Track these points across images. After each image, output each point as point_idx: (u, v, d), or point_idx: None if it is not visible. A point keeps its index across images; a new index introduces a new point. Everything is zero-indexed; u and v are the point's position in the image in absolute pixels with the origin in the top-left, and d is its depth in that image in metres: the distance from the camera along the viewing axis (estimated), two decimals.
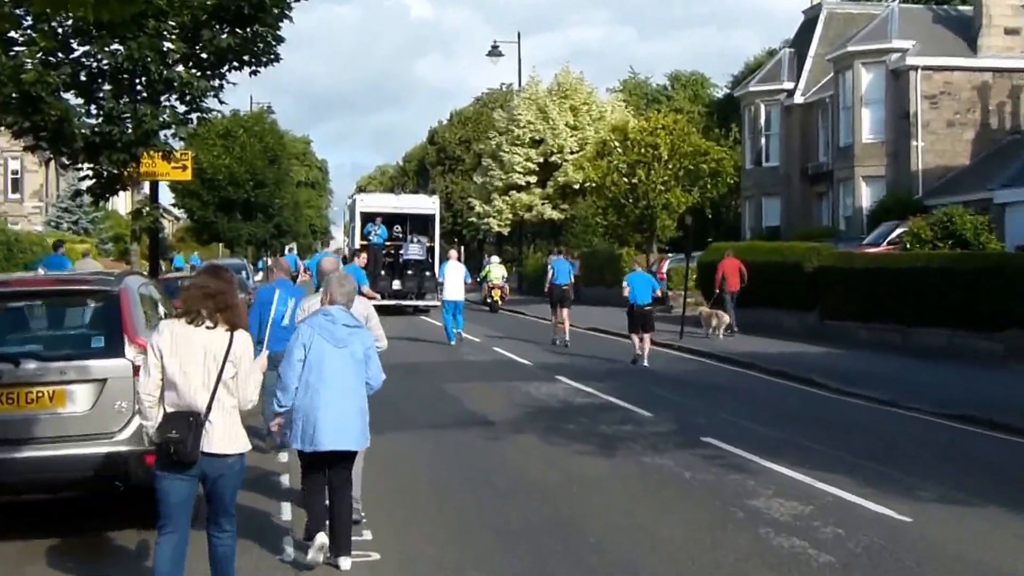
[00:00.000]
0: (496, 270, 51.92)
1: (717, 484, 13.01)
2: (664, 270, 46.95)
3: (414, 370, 25.27)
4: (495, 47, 65.74)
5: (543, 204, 63.64)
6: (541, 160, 63.43)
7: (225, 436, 7.91)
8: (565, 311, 31.41)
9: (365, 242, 45.82)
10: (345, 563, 9.57)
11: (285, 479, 13.09)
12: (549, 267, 31.76)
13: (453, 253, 34.99)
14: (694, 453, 14.91)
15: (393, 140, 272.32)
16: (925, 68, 45.96)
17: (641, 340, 26.35)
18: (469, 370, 25.47)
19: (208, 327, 7.93)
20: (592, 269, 54.30)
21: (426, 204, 50.05)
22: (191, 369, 7.86)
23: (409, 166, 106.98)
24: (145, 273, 18.25)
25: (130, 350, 10.50)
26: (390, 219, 47.97)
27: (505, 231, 68.68)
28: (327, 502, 9.74)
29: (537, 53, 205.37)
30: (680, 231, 50.91)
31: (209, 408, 7.84)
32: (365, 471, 11.43)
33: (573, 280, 32.42)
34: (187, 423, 7.74)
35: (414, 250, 46.56)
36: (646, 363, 26.05)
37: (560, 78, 65.34)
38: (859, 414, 19.08)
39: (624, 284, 27.28)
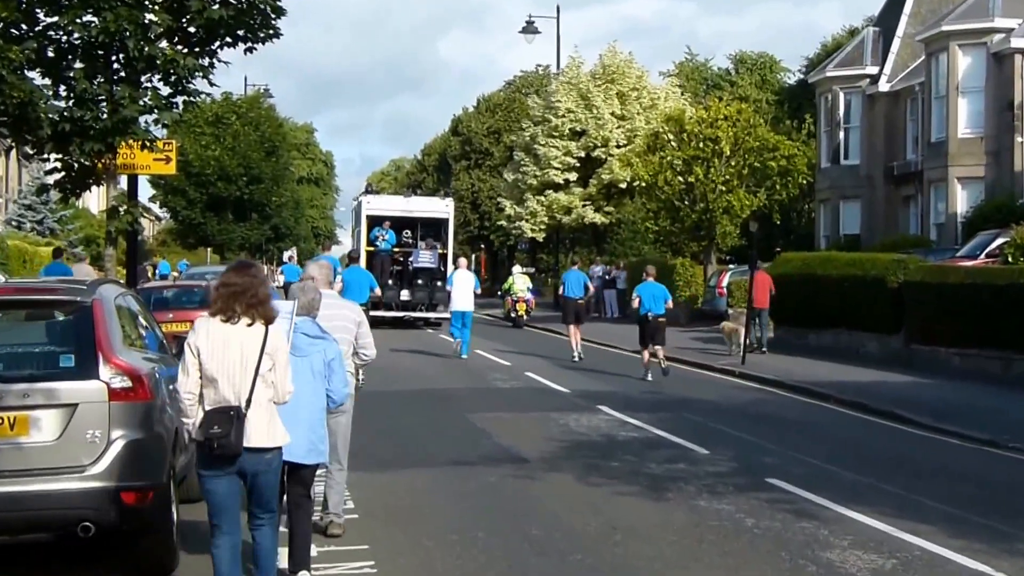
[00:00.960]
0: (520, 281, 52.94)
1: (785, 533, 12.99)
2: (724, 284, 46.90)
3: (436, 398, 25.35)
4: (530, 23, 66.03)
5: (584, 206, 63.71)
6: (582, 155, 63.53)
7: (264, 430, 9.15)
8: (573, 327, 34.19)
9: (372, 248, 47.79)
10: None
11: None
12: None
13: (463, 261, 36.66)
14: (758, 497, 14.89)
15: (410, 130, 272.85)
16: None
17: (653, 355, 28.71)
18: (499, 399, 25.52)
19: (247, 324, 9.15)
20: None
21: (439, 207, 51.79)
22: (229, 366, 9.07)
23: (428, 160, 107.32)
24: (122, 282, 18.34)
25: (105, 370, 10.58)
26: (399, 223, 49.51)
27: (540, 237, 68.78)
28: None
29: (580, 30, 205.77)
30: (744, 239, 51.00)
31: (248, 403, 9.06)
32: (376, 514, 11.66)
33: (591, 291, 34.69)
34: (228, 418, 8.97)
35: (425, 257, 47.74)
36: (651, 376, 28.63)
37: (606, 59, 65.44)
38: (952, 455, 19.01)
39: (634, 295, 29.65)
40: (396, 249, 48.94)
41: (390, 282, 47.29)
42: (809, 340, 36.32)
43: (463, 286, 34.16)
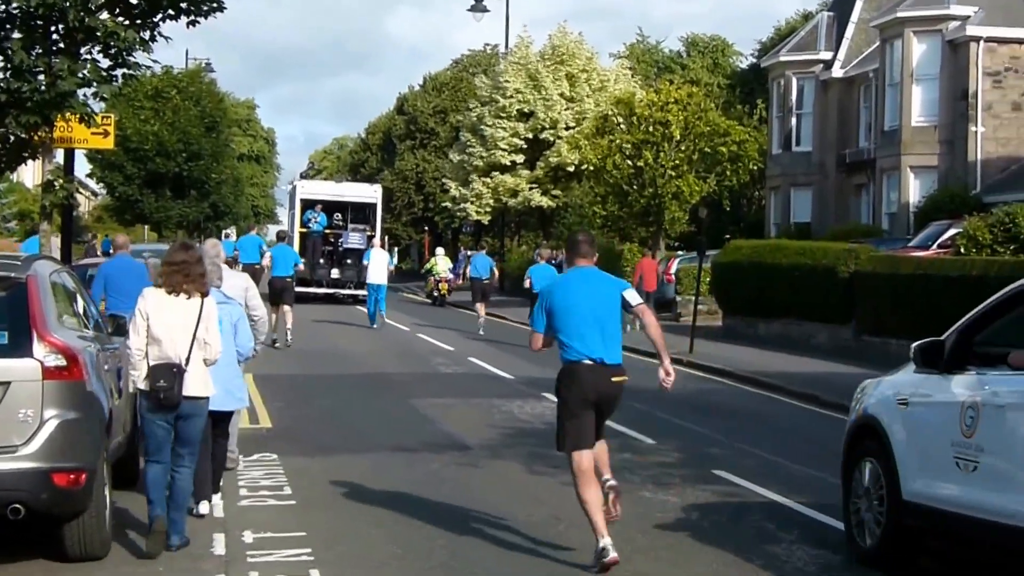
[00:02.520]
0: (442, 262, 57.16)
1: (731, 526, 13.05)
2: (672, 271, 47.00)
3: (379, 383, 25.34)
4: (479, 1, 65.83)
5: (531, 189, 63.76)
6: (530, 136, 63.55)
7: (199, 382, 11.43)
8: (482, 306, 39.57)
9: (305, 229, 52.96)
10: (204, 507, 12.64)
11: None
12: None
13: (377, 241, 44.43)
14: (704, 489, 14.95)
15: (355, 108, 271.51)
16: (989, 39, 46.08)
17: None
18: (442, 384, 25.54)
19: (186, 296, 11.35)
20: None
21: (367, 192, 57.57)
22: (171, 330, 11.27)
23: (373, 139, 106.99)
24: (57, 258, 18.19)
25: (39, 348, 10.51)
26: (330, 207, 54.80)
27: (485, 219, 68.77)
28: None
29: (530, 9, 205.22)
30: (692, 225, 51.12)
31: (187, 361, 11.28)
32: (315, 500, 12.55)
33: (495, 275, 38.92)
34: (172, 374, 11.18)
35: (354, 239, 52.74)
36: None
37: (555, 40, 65.45)
38: None
39: (527, 275, 34.04)
40: (327, 231, 53.69)
41: (321, 261, 52.38)
42: (759, 329, 36.42)
43: (377, 263, 39.29)
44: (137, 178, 70.66)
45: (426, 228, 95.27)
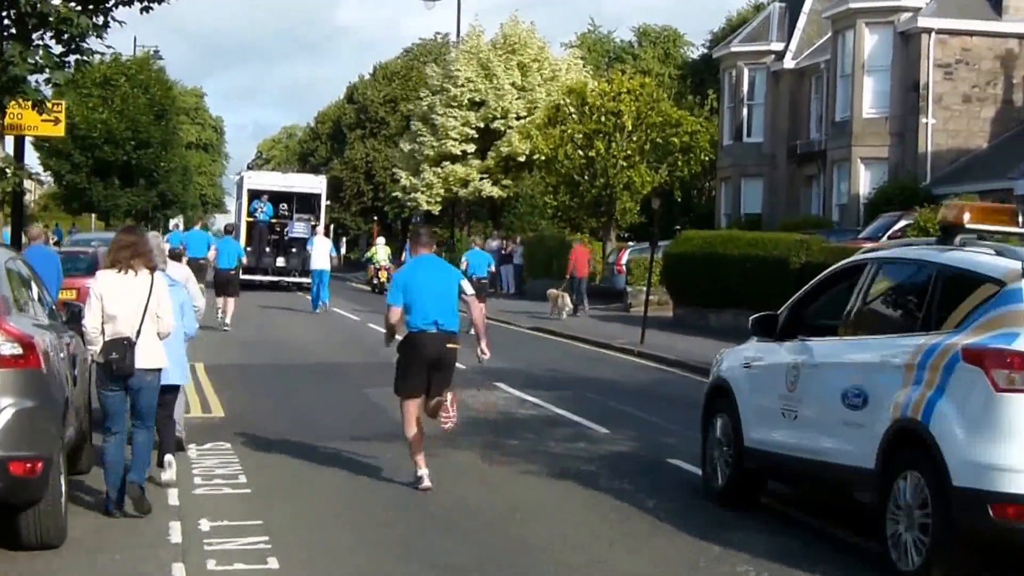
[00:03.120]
0: (382, 251, 58.34)
1: (687, 514, 13.13)
2: (623, 262, 47.15)
3: (332, 372, 25.33)
4: None
5: (482, 178, 63.80)
6: (481, 126, 63.61)
7: (149, 355, 12.24)
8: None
9: (251, 219, 55.20)
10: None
11: None
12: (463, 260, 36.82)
13: (320, 229, 46.54)
14: (659, 477, 15.04)
15: (305, 97, 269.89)
16: (940, 31, 46.39)
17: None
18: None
19: (135, 274, 12.15)
20: (537, 259, 54.42)
21: (313, 183, 59.79)
22: (124, 307, 12.09)
23: (322, 128, 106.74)
24: (10, 246, 18.12)
25: None
26: (277, 197, 56.98)
27: (435, 209, 68.75)
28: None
29: None
30: (644, 216, 51.27)
31: (138, 334, 12.10)
32: (271, 489, 12.80)
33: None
34: (123, 347, 12.01)
35: (299, 228, 54.88)
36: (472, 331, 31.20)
37: (507, 29, 65.53)
38: None
39: (463, 260, 36.20)
40: (273, 220, 55.84)
41: (267, 250, 54.69)
42: (710, 320, 36.61)
43: (320, 250, 41.32)
44: (85, 166, 70.32)
45: (375, 218, 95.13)
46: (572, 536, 12.08)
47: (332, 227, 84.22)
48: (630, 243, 52.94)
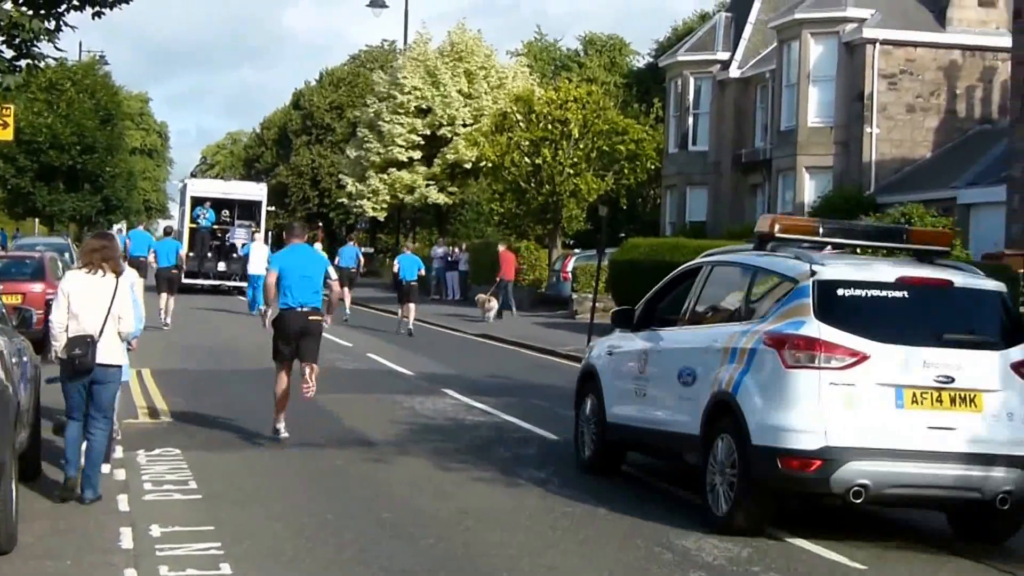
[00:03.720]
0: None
1: (640, 520, 13.14)
2: (569, 269, 47.20)
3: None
4: None
5: (428, 185, 63.73)
6: (427, 133, 63.55)
7: (111, 351, 13.03)
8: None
9: (194, 225, 57.09)
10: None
11: None
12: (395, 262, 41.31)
13: (259, 236, 48.95)
14: (611, 483, 15.07)
15: (251, 103, 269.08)
16: (884, 42, 46.70)
17: (405, 310, 37.55)
18: (342, 380, 25.40)
19: (102, 275, 12.99)
20: (483, 266, 54.38)
21: (254, 191, 61.45)
22: (88, 305, 12.89)
23: (268, 134, 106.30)
24: None
25: None
26: (219, 204, 58.82)
27: (381, 216, 68.65)
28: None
29: (429, 5, 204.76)
30: (590, 223, 51.37)
31: (100, 333, 12.85)
32: (221, 495, 13.18)
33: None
34: (86, 343, 12.75)
35: (240, 234, 56.39)
36: (402, 330, 37.30)
37: (454, 36, 65.50)
38: None
39: (395, 263, 40.07)
40: (215, 226, 57.59)
41: (209, 255, 56.30)
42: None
43: (257, 255, 42.08)
44: (30, 171, 69.87)
45: (320, 224, 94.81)
46: (525, 543, 12.07)
47: (278, 233, 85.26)
48: (576, 250, 53.03)
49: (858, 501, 12.00)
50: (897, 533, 13.31)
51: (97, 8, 23.03)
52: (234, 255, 55.05)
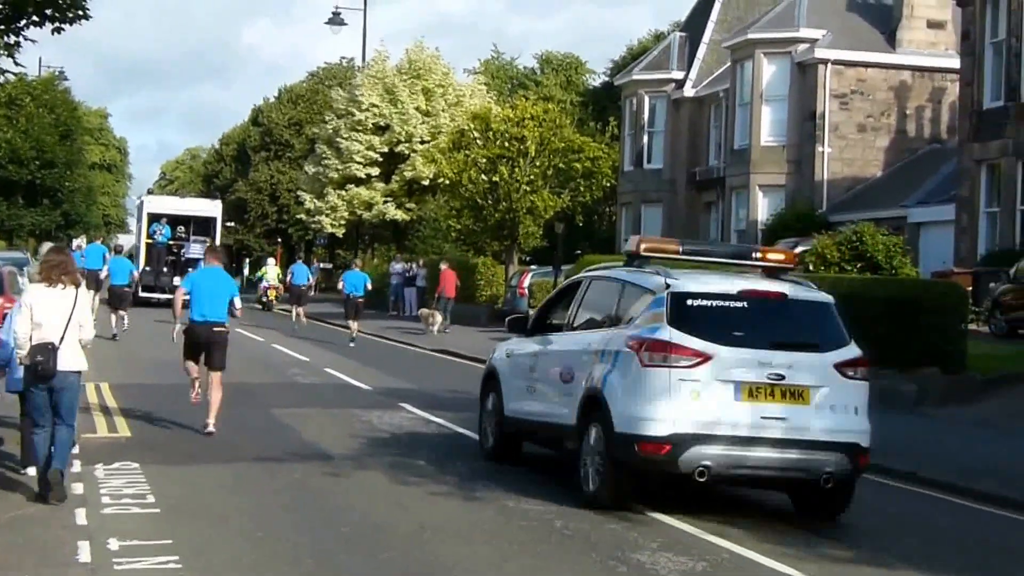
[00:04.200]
0: (271, 271, 62.87)
1: (594, 534, 13.12)
2: (525, 285, 47.15)
3: (236, 392, 24.98)
4: (337, 14, 65.65)
5: (386, 202, 63.64)
6: (386, 150, 63.50)
7: (71, 358, 13.76)
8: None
9: (151, 240, 58.94)
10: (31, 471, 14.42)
11: None
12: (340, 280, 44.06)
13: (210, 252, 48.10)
14: (567, 498, 15.00)
15: (210, 119, 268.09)
16: (836, 62, 47.02)
17: (354, 323, 39.64)
18: (300, 394, 25.40)
19: (62, 288, 13.79)
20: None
21: (209, 207, 63.27)
22: (50, 316, 13.67)
23: (227, 150, 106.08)
24: None
25: None
26: (174, 220, 60.57)
27: (339, 232, 68.51)
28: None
29: (389, 24, 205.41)
30: (546, 240, 51.39)
31: (61, 341, 13.61)
32: (179, 509, 13.09)
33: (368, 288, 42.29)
34: (48, 351, 13.51)
35: (195, 249, 57.05)
36: (354, 338, 39.06)
37: (412, 55, 65.49)
38: None
39: (341, 280, 42.78)
40: (171, 242, 59.41)
41: (165, 269, 57.99)
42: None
43: None
44: None
45: (279, 240, 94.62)
46: (483, 556, 12.03)
47: (238, 249, 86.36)
48: (532, 267, 52.97)
49: (702, 480, 13.94)
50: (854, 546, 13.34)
51: (57, 24, 22.93)
52: (190, 269, 54.63)
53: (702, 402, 13.89)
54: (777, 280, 15.26)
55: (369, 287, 41.92)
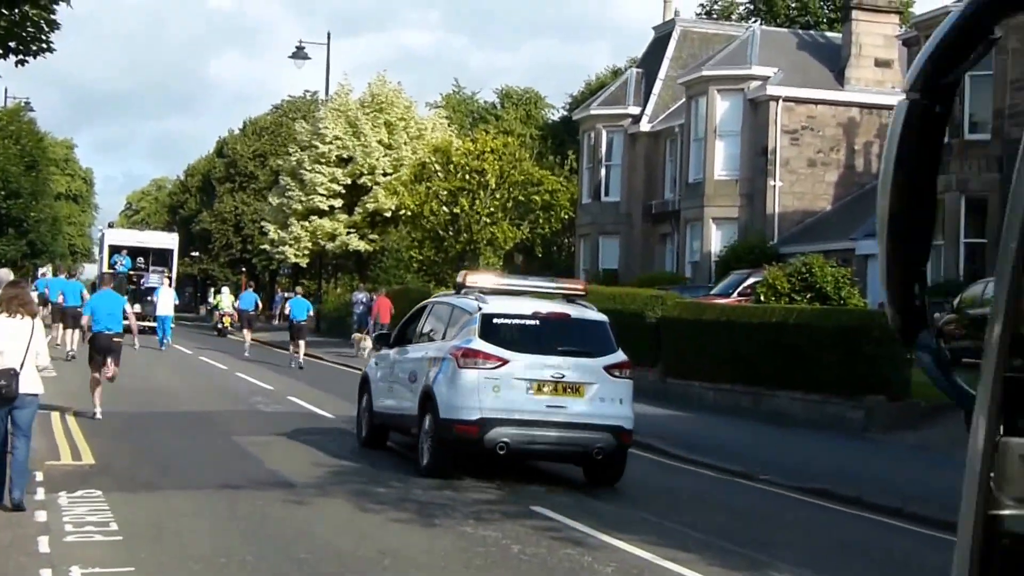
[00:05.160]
0: (226, 299, 66.00)
1: (550, 560, 13.14)
2: None
3: (199, 420, 25.05)
4: (300, 48, 65.73)
5: (349, 233, 63.60)
6: (348, 182, 63.42)
7: (30, 382, 14.74)
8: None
9: (111, 270, 58.78)
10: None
11: None
12: (287, 305, 47.92)
13: (166, 281, 54.57)
14: (523, 524, 15.03)
15: (177, 150, 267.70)
16: (787, 99, 47.32)
17: (296, 346, 42.44)
18: (263, 422, 25.33)
19: (20, 318, 14.78)
20: (401, 311, 54.30)
21: (167, 240, 68.03)
22: (10, 344, 14.57)
23: (192, 181, 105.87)
24: None
25: None
26: (134, 251, 64.52)
27: (303, 262, 68.42)
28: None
29: (351, 58, 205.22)
30: (506, 271, 51.45)
31: (22, 366, 14.58)
32: (140, 535, 12.54)
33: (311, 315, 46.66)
34: (10, 376, 14.44)
35: (154, 279, 60.87)
36: (301, 363, 41.45)
37: (374, 88, 65.47)
38: (708, 485, 19.49)
39: (287, 305, 46.07)
40: (131, 272, 62.59)
41: (125, 298, 57.07)
42: None
43: (164, 298, 50.43)
44: None
45: (243, 269, 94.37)
46: None
47: (204, 278, 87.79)
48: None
49: (502, 453, 18.11)
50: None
51: (20, 56, 22.81)
52: (148, 298, 58.38)
53: (502, 395, 18.05)
54: (569, 304, 19.46)
55: (311, 313, 45.63)
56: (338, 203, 63.81)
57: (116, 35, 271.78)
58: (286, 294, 55.16)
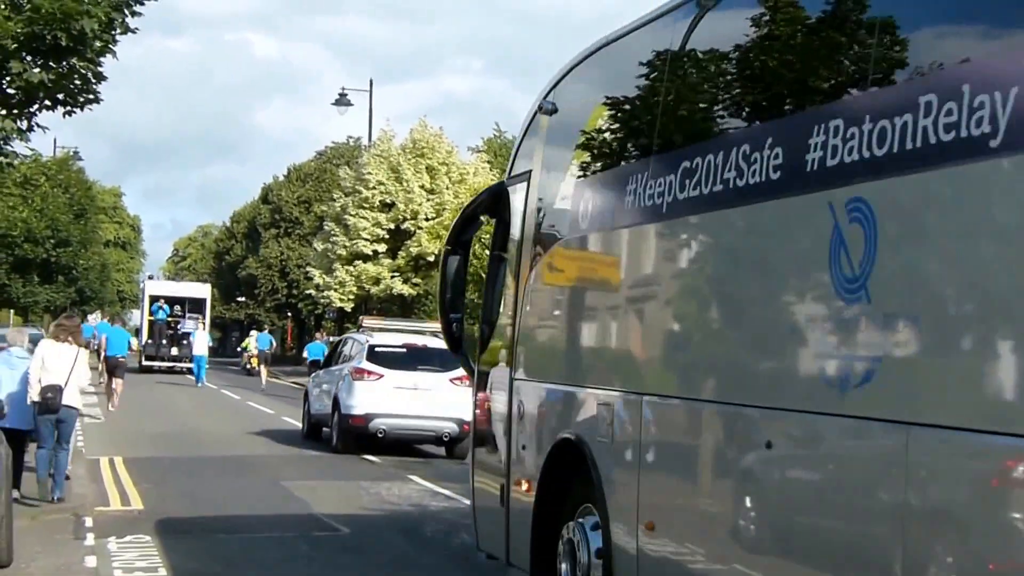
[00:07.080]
0: (253, 342, 69.33)
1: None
2: None
3: (245, 464, 25.00)
4: (343, 95, 65.84)
5: (392, 277, 63.64)
6: (392, 227, 63.49)
7: (71, 397, 17.41)
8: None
9: (152, 318, 68.93)
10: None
11: None
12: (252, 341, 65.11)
13: (201, 326, 61.65)
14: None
15: (222, 196, 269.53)
16: None
17: (266, 375, 55.83)
18: (308, 465, 25.28)
19: (68, 344, 17.62)
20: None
21: (200, 290, 75.59)
22: (58, 363, 17.26)
23: (238, 227, 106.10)
24: None
25: None
26: (172, 300, 70.92)
27: (348, 306, 68.41)
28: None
29: (393, 104, 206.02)
30: None
31: (66, 383, 17.19)
32: None
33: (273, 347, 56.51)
34: (56, 390, 17.07)
35: (189, 325, 66.35)
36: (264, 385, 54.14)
37: (416, 134, 65.53)
38: None
39: (305, 350, 57.54)
40: (169, 319, 68.83)
41: (164, 342, 67.69)
42: None
43: (200, 340, 56.76)
44: (4, 264, 69.34)
45: (289, 314, 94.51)
46: None
47: (249, 324, 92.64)
48: None
49: (381, 436, 26.71)
50: None
51: (68, 107, 22.89)
52: (185, 341, 65.20)
53: (380, 397, 26.76)
54: (430, 337, 27.67)
55: (274, 345, 53.09)
56: (382, 248, 63.83)
57: (162, 84, 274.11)
58: (329, 338, 58.30)
